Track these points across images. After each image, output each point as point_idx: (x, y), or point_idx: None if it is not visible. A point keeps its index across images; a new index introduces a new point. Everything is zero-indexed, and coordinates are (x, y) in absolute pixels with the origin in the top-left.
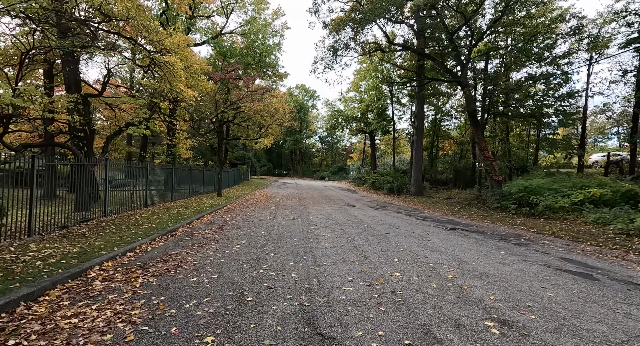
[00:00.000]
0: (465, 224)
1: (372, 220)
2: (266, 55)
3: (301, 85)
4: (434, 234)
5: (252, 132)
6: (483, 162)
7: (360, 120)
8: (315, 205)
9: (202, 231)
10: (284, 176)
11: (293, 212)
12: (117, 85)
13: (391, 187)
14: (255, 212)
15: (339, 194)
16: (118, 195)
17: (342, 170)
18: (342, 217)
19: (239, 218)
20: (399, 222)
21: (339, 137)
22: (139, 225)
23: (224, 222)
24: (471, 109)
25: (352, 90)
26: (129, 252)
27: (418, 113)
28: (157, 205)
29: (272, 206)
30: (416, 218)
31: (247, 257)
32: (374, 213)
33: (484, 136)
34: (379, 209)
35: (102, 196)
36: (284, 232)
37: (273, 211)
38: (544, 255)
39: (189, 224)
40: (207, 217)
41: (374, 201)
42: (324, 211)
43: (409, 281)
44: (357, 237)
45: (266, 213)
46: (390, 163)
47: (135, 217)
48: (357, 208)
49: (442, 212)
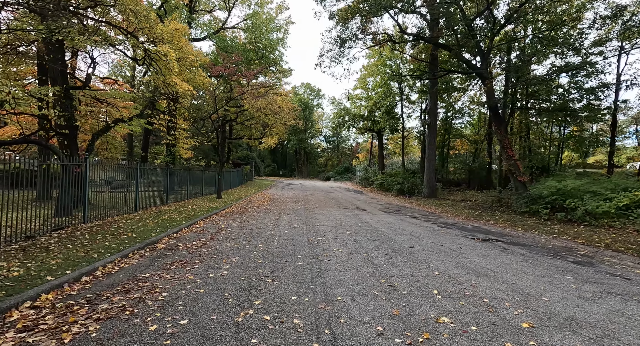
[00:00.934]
0: (497, 233)
1: (389, 228)
2: (269, 50)
3: (306, 83)
4: (467, 248)
5: (255, 132)
6: (506, 161)
7: (367, 119)
8: (322, 209)
9: (189, 243)
10: (289, 177)
11: (297, 218)
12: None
13: (401, 188)
14: (255, 217)
15: (346, 196)
16: (106, 198)
17: (348, 170)
18: (354, 224)
19: (235, 226)
20: (420, 231)
21: (345, 136)
22: (118, 234)
23: (218, 231)
24: (493, 103)
25: (359, 87)
26: (85, 276)
27: (431, 109)
28: (149, 209)
29: (275, 210)
30: (437, 225)
31: (236, 285)
32: (388, 218)
33: (507, 133)
34: (393, 214)
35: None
36: (285, 244)
37: (275, 216)
38: (625, 281)
39: (177, 233)
40: (200, 223)
41: (384, 204)
42: (332, 216)
43: (470, 338)
44: (376, 252)
45: (267, 219)
46: (399, 163)
47: (118, 224)
48: (368, 212)
49: (463, 217)
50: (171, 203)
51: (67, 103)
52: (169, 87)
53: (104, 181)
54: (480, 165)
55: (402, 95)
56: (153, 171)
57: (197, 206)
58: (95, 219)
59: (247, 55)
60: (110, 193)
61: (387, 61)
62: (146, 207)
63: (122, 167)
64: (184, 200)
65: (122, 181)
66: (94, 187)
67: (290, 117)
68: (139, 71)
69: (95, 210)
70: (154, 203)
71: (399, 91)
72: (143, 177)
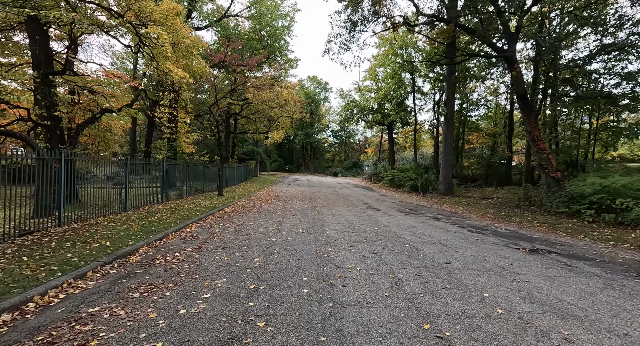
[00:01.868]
0: (542, 240)
1: (411, 233)
2: (274, 39)
3: (312, 76)
4: (520, 264)
5: (260, 126)
6: (536, 155)
7: (377, 111)
8: (331, 209)
9: (170, 254)
10: (295, 172)
11: (303, 220)
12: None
13: (414, 184)
14: (256, 218)
15: (356, 193)
16: (99, 196)
17: (356, 165)
18: (369, 229)
19: (231, 230)
20: (450, 238)
21: (353, 131)
22: (92, 241)
23: (210, 236)
24: (522, 91)
25: (368, 78)
26: (7, 312)
27: (447, 99)
28: (141, 208)
29: (278, 209)
30: (467, 229)
31: (212, 333)
32: (408, 220)
33: (537, 123)
34: (411, 215)
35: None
36: (288, 258)
37: (278, 218)
38: None
39: (161, 240)
40: (191, 226)
41: (398, 202)
42: (343, 218)
43: None
44: (404, 271)
45: (269, 222)
46: (410, 158)
47: (98, 227)
48: (383, 213)
49: (490, 218)
50: (168, 201)
51: (45, 90)
52: (163, 75)
53: (107, 177)
54: (499, 159)
55: (414, 86)
56: (146, 167)
57: (195, 205)
58: (77, 220)
59: (250, 44)
60: (105, 190)
61: (398, 50)
62: (139, 206)
63: (108, 162)
64: (182, 198)
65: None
66: (93, 182)
67: (297, 110)
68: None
69: (82, 210)
70: (148, 201)
71: (411, 82)
72: (139, 173)
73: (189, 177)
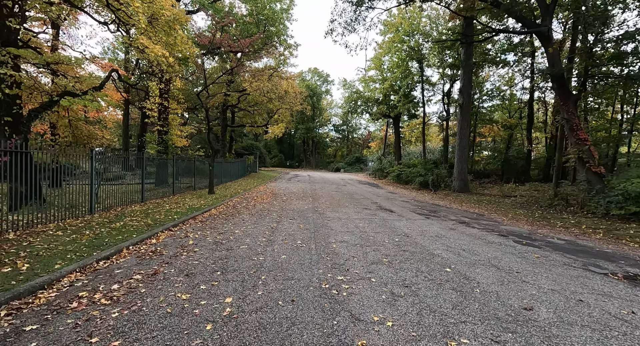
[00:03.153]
0: (622, 257)
1: (445, 247)
2: (272, 23)
3: (314, 68)
4: (637, 306)
5: (259, 119)
6: (576, 147)
7: (382, 103)
8: (336, 210)
9: (104, 288)
10: (296, 168)
11: (303, 226)
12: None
13: (424, 180)
14: (245, 224)
15: (362, 190)
16: (68, 195)
17: (359, 161)
18: (387, 240)
19: (209, 242)
20: (500, 255)
21: (356, 125)
22: (7, 262)
23: (176, 253)
24: (558, 72)
25: (373, 68)
26: None
27: (464, 87)
28: (114, 210)
29: (274, 211)
30: (512, 239)
31: None
32: (432, 226)
33: (576, 110)
34: (433, 218)
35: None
36: (277, 299)
37: (272, 222)
38: None
39: (108, 260)
40: (160, 236)
41: (411, 201)
42: (352, 223)
43: None
44: (468, 331)
45: (259, 229)
46: (416, 153)
47: (38, 238)
48: (398, 215)
49: (526, 221)
50: (150, 200)
51: None
52: (139, 53)
53: (96, 172)
54: (517, 153)
55: (422, 76)
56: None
57: (178, 205)
58: (18, 228)
59: (247, 28)
60: (78, 187)
61: (405, 37)
62: (110, 207)
63: (79, 155)
64: (168, 196)
65: (119, 172)
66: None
67: (297, 102)
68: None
69: (42, 212)
70: (125, 201)
71: (419, 70)
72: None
73: (179, 172)
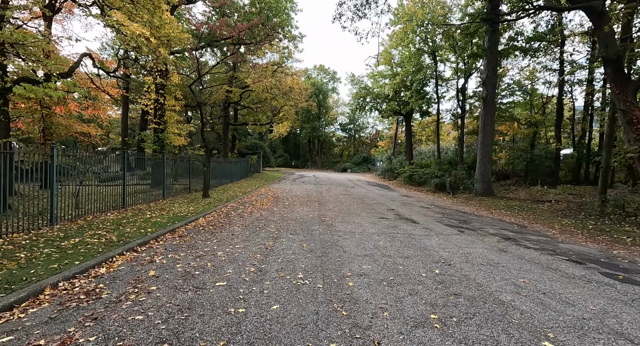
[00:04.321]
0: None
1: (511, 286)
2: (276, 13)
3: (320, 65)
4: None
5: (263, 117)
6: (637, 144)
7: (392, 99)
8: (347, 220)
9: None
10: (302, 168)
11: (306, 246)
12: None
13: (441, 182)
14: (233, 242)
15: (373, 193)
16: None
17: (367, 161)
18: (423, 270)
19: (177, 273)
20: (606, 305)
21: (363, 123)
22: None
23: (121, 297)
24: (614, 55)
25: (382, 63)
26: None
27: (488, 78)
28: (83, 218)
29: (272, 222)
30: (600, 270)
31: None
32: (475, 247)
33: (636, 100)
34: (467, 231)
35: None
36: None
37: (267, 239)
38: None
39: (11, 310)
40: (117, 261)
41: (431, 206)
42: (369, 241)
43: None
44: None
45: (250, 250)
46: (428, 152)
47: None
48: (423, 227)
49: (584, 236)
50: (136, 205)
51: None
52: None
53: (93, 173)
54: (545, 153)
55: (436, 69)
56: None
57: (163, 212)
58: None
59: (249, 18)
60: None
61: (417, 28)
62: (80, 215)
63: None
64: (156, 200)
65: (116, 172)
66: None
67: (302, 98)
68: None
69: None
70: (102, 207)
71: (433, 63)
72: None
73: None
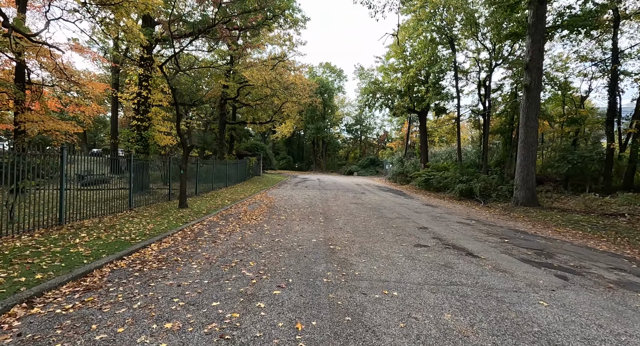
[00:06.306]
0: None
1: None
2: None
3: (325, 63)
4: None
5: (263, 115)
6: None
7: (405, 95)
8: (367, 252)
9: None
10: (305, 170)
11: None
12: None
13: (468, 188)
14: (170, 307)
15: (388, 201)
16: None
17: (374, 163)
18: None
19: None
20: None
21: (370, 124)
22: None
23: None
24: None
25: (393, 56)
26: None
27: (532, 61)
28: None
29: (254, 254)
30: None
31: None
32: (615, 325)
33: None
34: (569, 275)
35: None
36: None
37: (235, 301)
38: None
39: None
40: None
41: (470, 221)
42: (420, 304)
43: None
44: None
45: (193, 335)
46: (444, 154)
47: None
48: (491, 265)
49: None
50: (80, 220)
51: None
52: None
53: (76, 175)
54: (596, 154)
55: (455, 60)
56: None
57: (110, 231)
58: None
59: (244, 4)
60: None
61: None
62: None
63: None
64: (117, 213)
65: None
66: None
67: (305, 94)
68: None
69: None
70: (30, 222)
71: (451, 53)
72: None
73: (130, 178)
